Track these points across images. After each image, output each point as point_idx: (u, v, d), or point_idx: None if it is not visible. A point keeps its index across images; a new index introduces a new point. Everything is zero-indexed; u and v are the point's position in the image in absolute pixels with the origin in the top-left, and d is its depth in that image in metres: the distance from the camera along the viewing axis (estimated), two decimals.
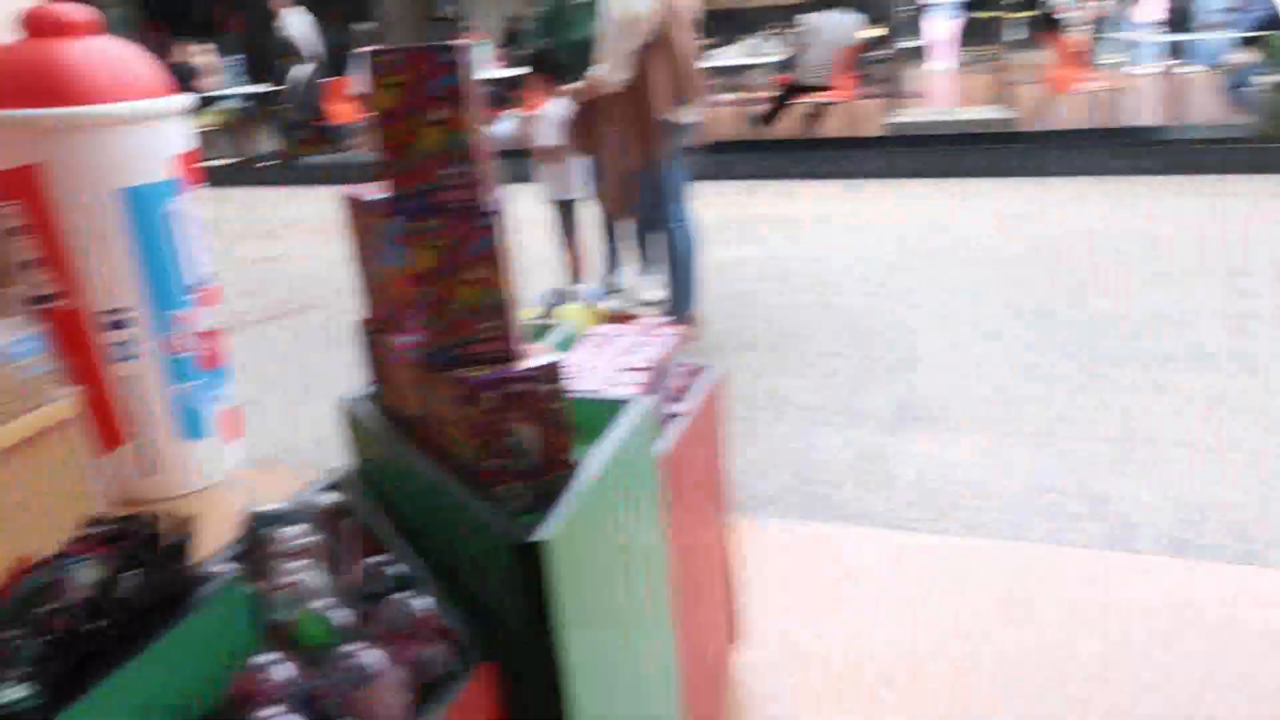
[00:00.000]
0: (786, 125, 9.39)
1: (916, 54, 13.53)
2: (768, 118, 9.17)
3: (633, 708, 1.34)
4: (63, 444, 2.16)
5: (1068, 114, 8.66)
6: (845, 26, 8.96)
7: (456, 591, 1.14)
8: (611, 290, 4.66)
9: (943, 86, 12.15)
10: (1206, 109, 8.56)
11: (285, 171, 9.80)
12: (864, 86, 10.60)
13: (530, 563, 1.06)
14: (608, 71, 3.55)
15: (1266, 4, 7.72)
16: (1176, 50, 9.05)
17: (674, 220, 3.81)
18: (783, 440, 3.11)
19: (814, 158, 7.48)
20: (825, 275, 4.83)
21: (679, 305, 3.92)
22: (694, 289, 3.98)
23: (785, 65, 9.62)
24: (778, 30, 11.88)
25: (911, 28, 15.02)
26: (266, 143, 10.88)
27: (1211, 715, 1.78)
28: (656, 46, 3.56)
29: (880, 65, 10.38)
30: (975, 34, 15.74)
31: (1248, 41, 7.95)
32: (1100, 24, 13.56)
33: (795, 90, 8.96)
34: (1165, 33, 9.49)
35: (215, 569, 1.14)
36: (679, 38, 3.62)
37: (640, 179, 3.68)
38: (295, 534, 1.10)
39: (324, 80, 10.07)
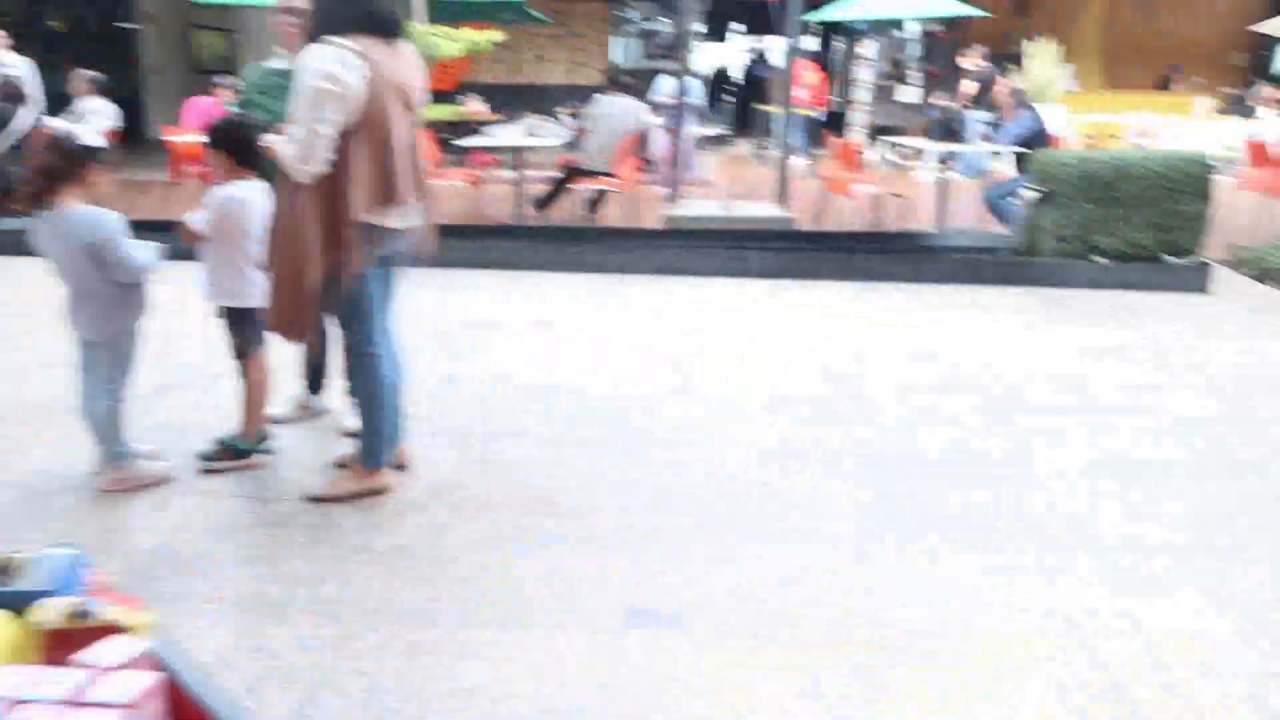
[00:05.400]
0: (565, 211, 9.01)
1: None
2: (545, 202, 8.75)
3: None
4: None
5: (842, 216, 8.72)
6: (631, 112, 8.73)
7: None
8: (310, 415, 3.96)
9: (719, 180, 12.17)
10: (973, 219, 8.83)
11: None
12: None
13: None
14: (294, 159, 2.82)
15: (1029, 121, 8.02)
16: (948, 159, 9.34)
17: (367, 344, 3.11)
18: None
19: (586, 249, 7.05)
20: (589, 395, 4.29)
21: (374, 450, 3.20)
22: (397, 427, 3.31)
23: (571, 147, 9.29)
24: (575, 110, 11.62)
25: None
26: None
27: None
28: (361, 130, 2.85)
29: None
30: (752, 127, 16.16)
31: (1016, 158, 8.26)
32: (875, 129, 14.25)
33: (575, 174, 8.61)
34: (936, 141, 9.82)
35: None
36: (392, 121, 2.91)
37: (323, 294, 2.96)
38: None
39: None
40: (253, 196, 3.21)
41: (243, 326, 3.31)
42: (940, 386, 4.41)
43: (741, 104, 18.68)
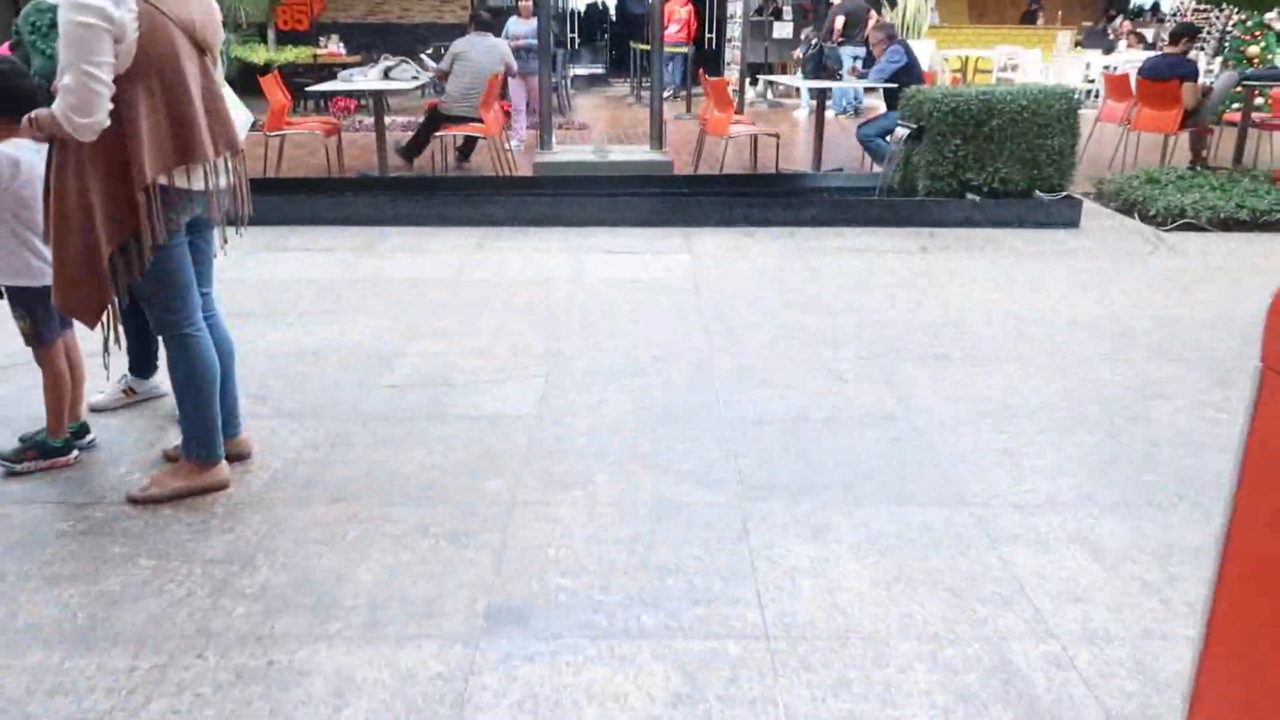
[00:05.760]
0: (436, 159, 8.56)
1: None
2: (411, 150, 8.27)
3: None
4: None
5: (720, 158, 8.53)
6: (495, 52, 8.29)
7: None
8: (137, 400, 3.56)
9: (594, 123, 11.85)
10: (847, 159, 8.76)
11: None
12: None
13: None
14: (70, 112, 2.36)
15: (899, 57, 7.95)
16: (822, 98, 9.22)
17: (182, 324, 2.74)
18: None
19: (451, 201, 6.65)
20: (451, 366, 4.00)
21: (202, 441, 2.83)
22: (233, 413, 2.98)
23: (438, 90, 8.81)
24: (437, 50, 11.02)
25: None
26: None
27: None
28: (144, 76, 2.44)
29: None
30: (628, 67, 15.78)
31: (887, 94, 8.18)
32: (751, 67, 14.05)
33: (442, 120, 8.15)
34: (809, 78, 9.68)
35: None
36: (182, 64, 2.51)
37: (120, 268, 2.58)
38: None
39: None
40: (29, 156, 2.77)
41: (32, 309, 2.88)
42: (820, 338, 4.29)
43: (616, 42, 18.21)
